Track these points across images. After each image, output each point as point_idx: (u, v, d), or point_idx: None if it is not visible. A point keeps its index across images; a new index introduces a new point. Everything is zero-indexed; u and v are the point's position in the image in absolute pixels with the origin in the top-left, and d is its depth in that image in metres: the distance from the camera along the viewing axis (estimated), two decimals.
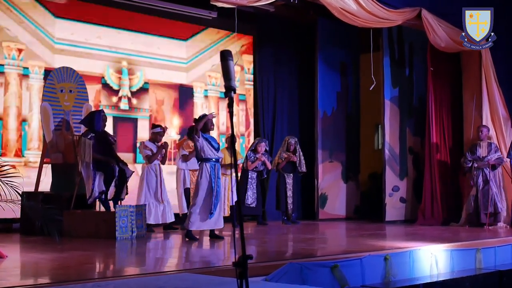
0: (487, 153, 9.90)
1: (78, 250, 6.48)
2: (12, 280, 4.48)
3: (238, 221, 2.93)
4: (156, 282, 4.29)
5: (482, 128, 10.07)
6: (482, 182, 9.85)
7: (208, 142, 7.41)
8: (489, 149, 9.92)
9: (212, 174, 7.39)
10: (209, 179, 7.37)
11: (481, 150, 9.96)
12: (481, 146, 9.99)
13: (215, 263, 5.72)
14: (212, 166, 7.42)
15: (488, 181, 9.78)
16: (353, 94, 12.18)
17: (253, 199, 10.00)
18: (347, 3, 9.18)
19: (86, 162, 8.05)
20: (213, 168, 7.42)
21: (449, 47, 10.26)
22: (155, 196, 8.74)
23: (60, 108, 8.85)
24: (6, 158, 8.26)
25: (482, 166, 9.86)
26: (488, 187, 9.76)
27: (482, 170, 9.87)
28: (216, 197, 7.36)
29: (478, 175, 9.88)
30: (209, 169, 7.39)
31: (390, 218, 10.85)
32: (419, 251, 6.38)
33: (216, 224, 7.48)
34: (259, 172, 10.14)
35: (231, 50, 3.18)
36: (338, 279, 5.41)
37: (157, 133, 8.88)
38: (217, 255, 6.74)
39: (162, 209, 8.78)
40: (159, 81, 10.56)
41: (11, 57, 9.02)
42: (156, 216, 8.72)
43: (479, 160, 9.89)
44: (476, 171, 9.89)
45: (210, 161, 7.41)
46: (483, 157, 9.90)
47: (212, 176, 7.38)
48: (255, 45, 11.81)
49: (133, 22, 10.27)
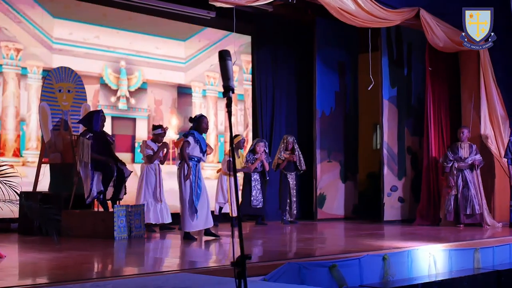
0: (468, 154, 9.94)
1: (77, 250, 6.48)
2: (10, 280, 4.48)
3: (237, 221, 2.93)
4: (154, 282, 4.29)
5: (463, 129, 10.12)
6: (462, 183, 9.88)
7: (201, 146, 7.40)
8: (470, 150, 9.97)
9: (193, 173, 7.37)
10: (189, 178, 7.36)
11: (463, 151, 9.99)
12: (463, 147, 10.02)
13: (213, 263, 5.72)
14: (193, 165, 7.40)
15: (468, 182, 9.82)
16: (351, 94, 12.18)
17: (259, 200, 10.02)
18: (345, 3, 9.19)
19: (84, 162, 8.05)
20: (194, 168, 7.40)
21: (448, 47, 10.27)
22: (154, 195, 8.76)
23: (59, 108, 8.85)
24: (4, 158, 8.25)
25: (463, 167, 9.90)
26: (468, 189, 9.81)
27: (462, 171, 9.91)
28: (197, 197, 7.33)
29: (458, 176, 9.91)
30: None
31: (388, 218, 10.86)
32: (417, 251, 6.38)
33: (206, 223, 7.46)
34: (262, 173, 10.15)
35: (229, 50, 3.18)
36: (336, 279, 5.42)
37: (158, 135, 8.90)
38: (216, 255, 6.75)
39: (159, 209, 8.79)
40: (157, 81, 10.56)
41: (9, 57, 9.02)
42: (156, 216, 8.73)
43: (461, 161, 9.92)
44: (456, 172, 9.92)
45: (191, 160, 7.40)
46: (465, 158, 9.93)
47: (192, 175, 7.36)
48: (254, 45, 11.81)
49: (131, 22, 10.27)
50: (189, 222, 7.36)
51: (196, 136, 7.39)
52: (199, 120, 7.52)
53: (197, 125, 7.50)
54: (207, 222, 7.46)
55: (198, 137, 7.41)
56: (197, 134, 7.42)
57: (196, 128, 7.49)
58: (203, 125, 7.52)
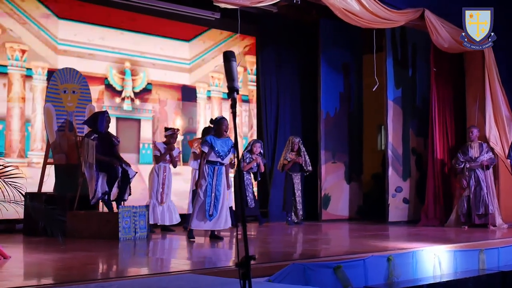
0: (479, 154, 9.90)
1: (81, 250, 6.49)
2: (15, 281, 4.49)
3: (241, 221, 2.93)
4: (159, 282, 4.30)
5: (472, 128, 10.07)
6: (475, 183, 9.85)
7: (215, 150, 7.40)
8: (481, 150, 9.92)
9: (210, 176, 7.39)
10: (206, 181, 7.38)
11: (473, 151, 9.94)
12: (473, 147, 9.98)
13: (218, 264, 5.73)
14: (211, 168, 7.42)
15: (480, 182, 9.78)
16: (356, 95, 12.17)
17: (251, 200, 10.01)
18: (349, 4, 9.17)
19: (89, 162, 8.06)
20: (212, 170, 7.41)
21: (452, 48, 10.25)
22: (156, 197, 8.79)
23: (63, 109, 8.86)
24: (10, 159, 8.25)
25: (475, 167, 9.86)
26: (480, 188, 9.77)
27: (474, 171, 9.87)
28: (216, 199, 7.36)
29: (470, 176, 9.88)
30: (207, 171, 7.40)
31: (393, 219, 10.83)
32: (422, 252, 6.38)
33: (216, 225, 7.46)
34: (254, 174, 10.16)
35: (234, 51, 3.18)
36: (341, 279, 5.41)
37: (169, 136, 8.95)
38: (220, 255, 6.75)
39: (161, 211, 8.81)
40: (162, 82, 10.56)
41: (15, 58, 9.04)
42: (156, 217, 8.76)
43: (472, 161, 9.88)
44: (469, 172, 9.89)
45: (210, 164, 7.43)
46: (476, 157, 9.89)
47: (210, 178, 7.38)
48: (258, 46, 11.81)
49: (136, 23, 10.28)
50: (196, 221, 7.38)
51: (209, 141, 7.40)
52: (218, 123, 7.56)
53: (216, 127, 7.56)
54: (219, 223, 7.47)
55: (212, 141, 7.41)
56: (212, 139, 7.43)
57: (216, 130, 7.53)
58: (222, 128, 7.54)
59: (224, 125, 7.55)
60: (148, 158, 9.94)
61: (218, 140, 7.45)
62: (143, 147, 10.17)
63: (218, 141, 7.45)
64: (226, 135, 7.65)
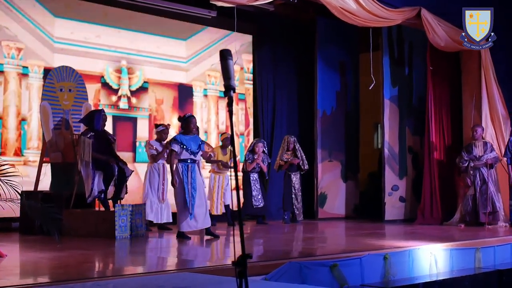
0: (483, 152, 9.91)
1: (78, 249, 6.48)
2: (11, 279, 4.48)
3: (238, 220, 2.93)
4: (155, 281, 4.29)
5: (476, 127, 10.08)
6: (480, 181, 9.85)
7: (185, 147, 7.38)
8: (485, 148, 9.93)
9: (184, 174, 7.36)
10: (180, 179, 7.36)
11: (477, 150, 9.95)
12: (477, 146, 9.99)
13: (214, 262, 5.72)
14: (185, 166, 7.39)
15: (486, 180, 9.79)
16: (352, 94, 12.18)
17: (260, 200, 10.02)
18: (346, 2, 9.18)
19: (85, 161, 8.05)
20: (185, 169, 7.38)
21: (449, 47, 10.27)
22: (157, 195, 8.78)
23: (60, 107, 8.85)
24: (6, 157, 8.24)
25: (479, 166, 9.86)
26: (486, 186, 9.77)
27: (479, 169, 9.88)
28: (192, 198, 7.32)
29: (475, 175, 9.88)
30: (181, 170, 7.38)
31: (390, 218, 10.85)
32: (419, 251, 6.38)
33: (204, 223, 7.46)
34: (261, 173, 10.16)
35: (230, 49, 3.18)
36: (337, 278, 5.41)
37: (161, 132, 8.92)
38: (217, 254, 6.75)
39: (160, 208, 8.81)
40: (158, 80, 10.55)
41: (11, 56, 9.02)
42: (156, 215, 8.75)
43: (476, 160, 9.89)
44: (473, 171, 9.89)
45: (183, 162, 7.41)
46: (480, 156, 9.90)
47: (184, 177, 7.36)
48: (255, 44, 11.81)
49: (132, 21, 10.27)
50: (183, 222, 7.36)
51: (179, 140, 7.39)
52: (187, 120, 7.54)
53: (185, 125, 7.54)
54: (204, 222, 7.45)
55: (182, 140, 7.40)
56: (181, 137, 7.41)
57: (184, 128, 7.51)
58: (191, 126, 7.53)
59: (192, 123, 7.55)
60: (145, 156, 9.93)
61: (186, 137, 7.45)
62: (140, 146, 10.16)
63: (187, 138, 7.45)
64: (194, 132, 7.66)
